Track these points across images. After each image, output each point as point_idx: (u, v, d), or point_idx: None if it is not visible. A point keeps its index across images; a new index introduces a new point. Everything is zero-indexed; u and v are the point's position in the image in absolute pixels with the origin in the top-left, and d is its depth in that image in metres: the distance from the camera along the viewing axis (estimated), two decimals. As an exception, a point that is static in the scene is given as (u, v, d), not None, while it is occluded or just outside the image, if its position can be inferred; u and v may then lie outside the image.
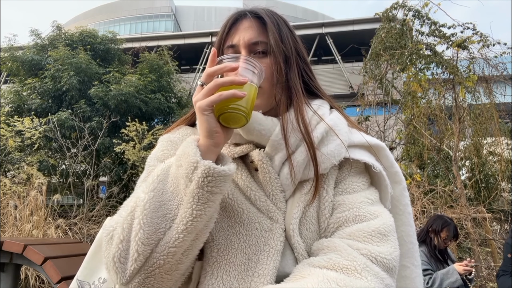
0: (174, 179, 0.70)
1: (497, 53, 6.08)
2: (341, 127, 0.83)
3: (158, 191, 0.69)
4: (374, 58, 6.90)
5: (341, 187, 0.82)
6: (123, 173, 7.91)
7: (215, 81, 0.69)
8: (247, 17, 0.87)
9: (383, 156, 0.86)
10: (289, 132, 0.78)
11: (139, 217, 0.66)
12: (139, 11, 35.00)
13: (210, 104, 0.68)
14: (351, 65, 17.02)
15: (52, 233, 5.24)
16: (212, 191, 0.66)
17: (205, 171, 0.65)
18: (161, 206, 0.68)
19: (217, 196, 0.68)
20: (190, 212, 0.66)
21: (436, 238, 3.19)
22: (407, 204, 0.88)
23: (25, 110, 9.33)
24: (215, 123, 0.70)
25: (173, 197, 0.69)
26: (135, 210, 0.68)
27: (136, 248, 0.65)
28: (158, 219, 0.67)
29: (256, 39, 0.84)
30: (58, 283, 2.51)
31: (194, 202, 0.66)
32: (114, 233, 0.69)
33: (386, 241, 0.72)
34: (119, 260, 0.67)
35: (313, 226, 0.78)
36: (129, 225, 0.67)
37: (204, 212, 0.66)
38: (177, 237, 0.66)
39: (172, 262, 0.67)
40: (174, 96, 10.63)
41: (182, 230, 0.66)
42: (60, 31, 11.02)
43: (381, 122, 6.71)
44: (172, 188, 0.69)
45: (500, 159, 6.48)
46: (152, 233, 0.66)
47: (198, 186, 0.65)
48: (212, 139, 0.70)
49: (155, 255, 0.66)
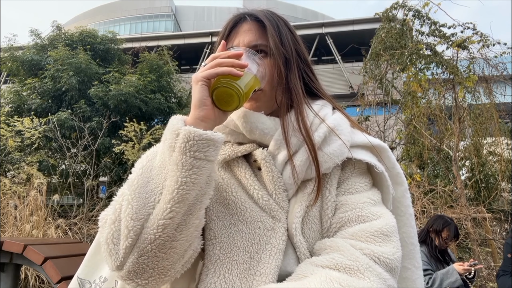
0: (162, 154, 0.70)
1: (497, 53, 6.08)
2: (344, 127, 0.84)
3: (147, 168, 0.70)
4: (374, 58, 6.90)
5: (344, 187, 0.82)
6: (123, 173, 7.91)
7: (214, 59, 0.72)
8: (246, 20, 0.87)
9: (386, 157, 0.87)
10: (290, 133, 0.79)
11: (127, 194, 0.67)
12: (139, 11, 34.98)
13: (206, 76, 0.70)
14: (351, 65, 17.02)
15: (52, 233, 5.23)
16: (196, 156, 0.65)
17: (186, 135, 0.65)
18: (149, 182, 0.69)
19: (202, 162, 0.66)
20: (175, 180, 0.65)
21: (436, 238, 3.19)
22: (408, 205, 0.88)
23: (25, 110, 9.32)
24: (206, 95, 0.71)
25: (160, 171, 0.69)
26: (125, 192, 0.69)
27: (126, 224, 0.65)
28: (146, 194, 0.67)
29: (256, 42, 0.84)
30: (58, 283, 2.51)
31: (178, 169, 0.65)
32: (108, 218, 0.70)
33: (389, 241, 0.72)
34: (112, 241, 0.67)
35: (316, 226, 0.78)
36: (120, 205, 0.68)
37: (190, 180, 0.65)
38: (165, 207, 0.65)
39: (164, 237, 0.66)
40: (174, 96, 10.63)
41: (169, 199, 0.65)
42: (60, 31, 11.03)
43: (381, 122, 6.71)
44: (160, 163, 0.70)
45: (500, 159, 6.48)
46: (140, 207, 0.66)
47: (180, 153, 0.65)
48: (201, 111, 0.70)
49: (146, 230, 0.66)
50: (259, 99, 0.84)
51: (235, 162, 0.83)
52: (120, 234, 0.66)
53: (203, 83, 0.71)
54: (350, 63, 18.01)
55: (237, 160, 0.83)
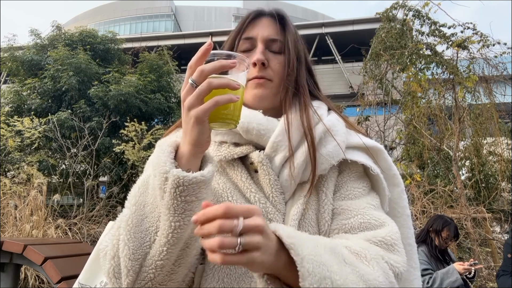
0: (153, 190, 0.69)
1: (497, 53, 6.08)
2: (339, 128, 0.84)
3: (140, 204, 0.69)
4: (374, 58, 6.90)
5: (343, 192, 0.82)
6: (123, 173, 7.91)
7: (208, 83, 0.62)
8: (266, 15, 0.90)
9: (381, 159, 0.87)
10: (293, 131, 0.79)
11: (123, 234, 0.67)
12: (139, 11, 35.00)
13: (207, 113, 0.63)
14: (351, 65, 17.01)
15: (52, 233, 5.23)
16: (187, 200, 0.64)
17: (175, 181, 0.62)
18: (143, 220, 0.68)
19: (194, 203, 0.65)
20: (169, 224, 0.64)
21: (437, 238, 3.19)
22: (405, 206, 0.89)
23: (25, 110, 9.32)
24: (208, 133, 0.66)
25: (153, 209, 0.69)
26: (120, 227, 0.69)
27: (125, 264, 0.66)
28: (141, 233, 0.67)
29: (274, 37, 0.87)
30: (58, 283, 2.51)
31: (170, 214, 0.64)
32: (107, 250, 0.70)
33: (393, 251, 0.73)
34: (114, 275, 0.68)
35: (312, 229, 0.78)
36: (117, 241, 0.68)
37: (183, 222, 0.64)
38: (161, 250, 0.66)
39: (163, 274, 0.67)
40: (174, 96, 10.63)
41: (165, 243, 0.65)
42: (60, 31, 11.02)
43: (381, 122, 6.71)
44: (152, 199, 0.69)
45: (500, 159, 6.48)
46: (137, 248, 0.66)
47: (171, 197, 0.63)
48: (202, 147, 0.67)
49: (144, 269, 0.67)
50: (267, 86, 0.84)
51: (231, 164, 0.83)
52: (120, 269, 0.68)
53: (205, 122, 0.64)
54: (350, 63, 18.00)
55: (232, 163, 0.82)
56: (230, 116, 0.67)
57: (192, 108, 0.64)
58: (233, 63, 0.65)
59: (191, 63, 0.67)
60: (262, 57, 0.84)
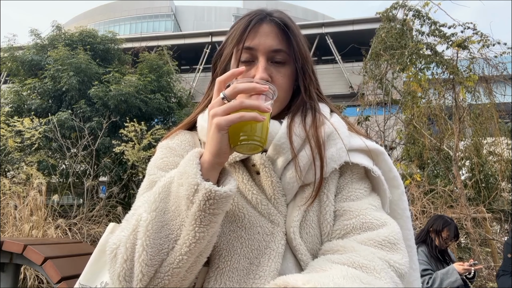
0: (176, 198, 0.69)
1: (497, 53, 6.09)
2: (342, 130, 0.84)
3: (160, 210, 0.68)
4: (374, 58, 6.90)
5: (344, 194, 0.83)
6: (123, 173, 7.91)
7: (241, 102, 0.66)
8: (267, 20, 0.85)
9: (382, 161, 0.87)
10: (295, 133, 0.79)
11: (142, 238, 0.66)
12: (139, 11, 34.99)
13: (230, 123, 0.65)
14: (351, 65, 17.02)
15: (52, 233, 5.24)
16: (214, 213, 0.65)
17: (207, 194, 0.64)
18: (163, 227, 0.68)
19: (219, 216, 0.67)
20: (193, 234, 0.65)
21: (437, 238, 3.19)
22: (405, 208, 0.89)
23: (25, 110, 9.31)
24: (226, 144, 0.67)
25: (175, 217, 0.68)
26: (137, 230, 0.67)
27: (140, 269, 0.66)
28: (160, 239, 0.67)
29: (277, 47, 0.83)
30: (58, 283, 2.51)
31: (196, 224, 0.65)
32: (118, 252, 0.69)
33: (396, 250, 0.73)
34: (124, 279, 0.68)
35: (313, 230, 0.79)
36: (132, 245, 0.67)
37: (207, 233, 0.66)
38: (181, 258, 0.66)
39: (177, 280, 0.68)
40: (174, 96, 10.62)
41: (186, 252, 0.66)
42: (60, 31, 11.00)
43: (381, 122, 6.71)
44: (174, 207, 0.69)
45: (500, 159, 6.49)
46: (155, 254, 0.66)
47: (199, 209, 0.64)
48: (220, 158, 0.68)
49: (159, 275, 0.67)
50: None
51: (232, 167, 0.82)
52: (132, 273, 0.67)
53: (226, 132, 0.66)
54: (350, 63, 18.00)
55: (234, 165, 0.82)
56: (258, 138, 0.67)
57: (216, 116, 0.66)
58: (266, 88, 0.68)
59: (221, 79, 0.71)
60: (265, 75, 0.81)
